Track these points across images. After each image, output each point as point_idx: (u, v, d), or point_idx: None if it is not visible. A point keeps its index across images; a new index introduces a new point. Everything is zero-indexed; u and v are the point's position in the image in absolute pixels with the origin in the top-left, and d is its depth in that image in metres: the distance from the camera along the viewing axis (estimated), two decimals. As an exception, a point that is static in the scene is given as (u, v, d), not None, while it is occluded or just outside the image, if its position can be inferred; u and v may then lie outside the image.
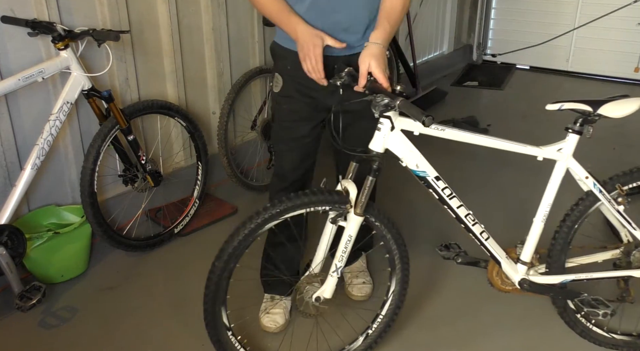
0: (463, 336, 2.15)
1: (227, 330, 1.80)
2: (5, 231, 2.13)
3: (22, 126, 2.36)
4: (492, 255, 1.92)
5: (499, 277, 2.01)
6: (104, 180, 2.65)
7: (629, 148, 3.69)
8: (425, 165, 1.75)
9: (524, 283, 1.94)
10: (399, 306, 1.99)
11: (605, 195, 1.87)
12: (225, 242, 1.70)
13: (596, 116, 1.75)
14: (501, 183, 3.30)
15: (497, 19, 5.58)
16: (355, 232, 1.74)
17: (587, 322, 2.05)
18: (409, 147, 1.72)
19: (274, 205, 1.68)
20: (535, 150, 1.80)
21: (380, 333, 2.00)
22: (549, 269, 1.97)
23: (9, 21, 2.18)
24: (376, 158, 1.68)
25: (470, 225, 1.85)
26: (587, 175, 1.85)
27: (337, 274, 1.77)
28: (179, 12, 2.85)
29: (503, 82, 5.18)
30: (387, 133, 1.66)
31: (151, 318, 2.24)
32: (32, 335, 2.14)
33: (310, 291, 1.81)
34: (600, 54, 5.14)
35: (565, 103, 1.77)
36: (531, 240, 1.92)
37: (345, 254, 1.76)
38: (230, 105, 2.99)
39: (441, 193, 1.79)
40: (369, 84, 1.64)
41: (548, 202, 1.86)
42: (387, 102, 1.59)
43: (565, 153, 1.82)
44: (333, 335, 2.05)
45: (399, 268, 1.94)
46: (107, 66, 2.46)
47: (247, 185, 3.16)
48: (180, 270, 2.56)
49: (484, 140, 1.78)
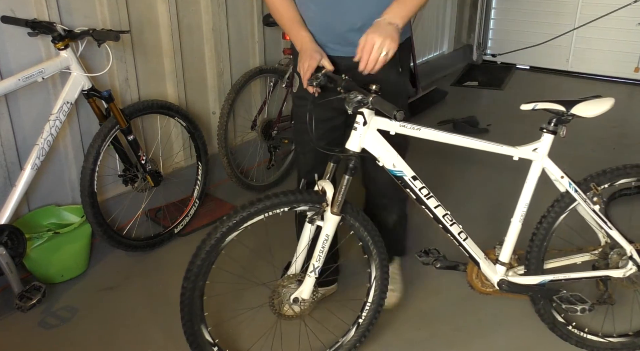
0: (461, 336, 2.15)
1: (213, 346, 1.79)
2: (5, 231, 2.13)
3: (22, 126, 2.36)
4: (471, 255, 1.92)
5: (478, 279, 2.02)
6: (104, 180, 2.65)
7: (628, 148, 3.69)
8: (401, 165, 1.76)
9: (502, 284, 1.95)
10: (384, 291, 1.98)
11: (581, 195, 1.87)
12: (190, 261, 1.70)
13: (569, 116, 1.77)
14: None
15: (497, 19, 5.58)
16: (332, 231, 1.74)
17: (580, 332, 2.05)
18: (385, 147, 1.72)
19: (232, 215, 1.66)
20: (510, 150, 1.81)
21: (371, 320, 1.99)
22: (527, 270, 1.98)
23: (9, 21, 2.18)
24: (352, 157, 1.68)
25: (448, 225, 1.86)
26: (562, 175, 1.86)
27: (314, 274, 1.77)
28: (179, 12, 2.85)
29: (503, 82, 5.18)
30: (363, 132, 1.67)
31: (151, 318, 2.24)
32: (32, 335, 2.14)
33: (287, 293, 1.80)
34: (600, 54, 5.14)
35: (539, 103, 1.79)
36: (509, 241, 1.92)
37: (322, 254, 1.75)
38: (230, 105, 2.99)
39: (418, 192, 1.79)
40: (343, 83, 1.64)
41: (525, 202, 1.87)
42: (360, 99, 1.59)
43: (541, 153, 1.83)
44: (324, 331, 2.05)
45: (375, 253, 1.92)
46: (107, 66, 2.46)
47: (247, 185, 3.16)
48: (180, 270, 2.54)
49: (460, 139, 1.78)
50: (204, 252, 1.68)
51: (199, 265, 1.68)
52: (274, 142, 3.25)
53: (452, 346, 2.11)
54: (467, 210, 2.93)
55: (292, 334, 2.03)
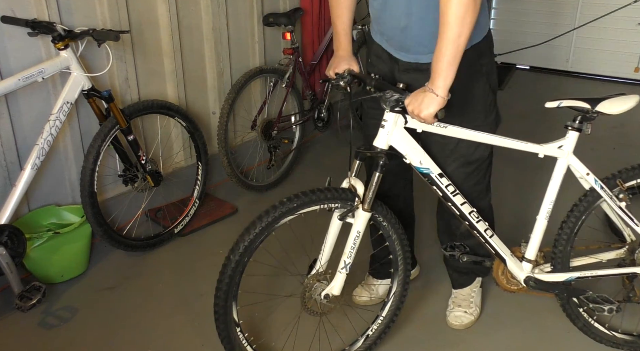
0: (462, 336, 2.15)
1: (236, 326, 1.79)
2: (5, 231, 2.13)
3: (22, 126, 2.36)
4: (497, 252, 1.92)
5: (504, 276, 2.02)
6: (104, 180, 2.65)
7: (629, 148, 3.69)
8: (428, 162, 1.77)
9: (529, 281, 1.95)
10: (399, 308, 2.00)
11: (607, 192, 1.87)
12: (241, 235, 1.69)
13: (594, 113, 1.77)
14: (504, 181, 3.29)
15: (497, 19, 5.57)
16: (363, 228, 1.75)
17: (589, 317, 2.04)
18: (412, 144, 1.74)
19: (290, 200, 1.68)
20: (536, 148, 1.82)
21: (379, 335, 2.00)
22: (553, 267, 1.97)
23: (9, 21, 2.18)
24: (381, 154, 1.69)
25: (475, 222, 1.86)
26: (588, 172, 1.86)
27: (345, 270, 1.78)
28: (179, 12, 2.85)
29: (503, 82, 5.17)
30: (391, 130, 1.68)
31: (151, 318, 2.24)
32: (32, 335, 2.14)
33: (318, 289, 1.81)
34: (600, 54, 5.13)
35: (564, 100, 1.78)
36: (535, 238, 1.92)
37: (353, 250, 1.76)
38: (230, 105, 2.99)
39: (445, 190, 1.80)
40: (373, 82, 1.68)
41: (550, 199, 1.87)
42: (397, 98, 1.63)
43: (566, 150, 1.83)
44: (335, 336, 2.05)
45: (401, 269, 1.94)
46: (107, 66, 2.45)
47: (247, 185, 3.16)
48: (180, 270, 2.56)
49: (486, 137, 1.80)
50: (258, 228, 1.67)
51: (251, 239, 1.67)
52: (274, 142, 3.25)
53: (451, 346, 2.11)
54: None
55: (306, 333, 2.04)
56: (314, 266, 1.83)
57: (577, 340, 2.10)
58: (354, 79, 1.75)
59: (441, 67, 1.57)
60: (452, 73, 1.57)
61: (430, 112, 1.58)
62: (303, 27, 3.58)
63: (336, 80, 1.78)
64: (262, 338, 2.09)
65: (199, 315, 2.26)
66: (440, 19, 1.55)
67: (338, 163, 3.61)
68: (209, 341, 2.10)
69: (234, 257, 1.68)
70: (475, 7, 1.51)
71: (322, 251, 1.81)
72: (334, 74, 1.90)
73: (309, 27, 3.58)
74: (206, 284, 2.44)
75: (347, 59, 1.94)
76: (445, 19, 1.53)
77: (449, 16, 1.51)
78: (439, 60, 1.57)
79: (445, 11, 1.52)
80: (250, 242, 1.67)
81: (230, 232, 2.83)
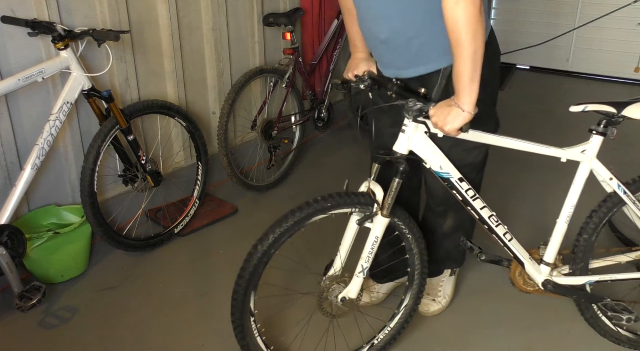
0: (462, 336, 2.15)
1: (251, 316, 1.79)
2: (5, 231, 2.13)
3: (22, 126, 2.36)
4: (516, 256, 1.92)
5: (521, 277, 2.02)
6: (104, 180, 2.65)
7: (629, 148, 3.69)
8: (448, 167, 1.76)
9: (547, 284, 1.94)
10: (408, 321, 2.00)
11: (630, 197, 1.87)
12: (271, 226, 1.69)
13: (620, 117, 1.75)
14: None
15: (497, 19, 5.57)
16: (381, 233, 1.75)
17: (597, 310, 2.04)
18: (432, 149, 1.73)
19: (324, 199, 1.68)
20: (559, 152, 1.80)
21: (384, 345, 2.00)
22: (572, 270, 1.96)
23: (9, 21, 2.18)
24: (401, 160, 1.68)
25: (494, 226, 1.86)
26: (611, 177, 1.85)
27: (363, 274, 1.78)
28: (179, 12, 2.85)
29: (503, 82, 5.18)
30: (412, 135, 1.67)
31: (151, 318, 2.24)
32: (32, 335, 2.14)
33: (336, 291, 1.81)
34: (600, 54, 5.13)
35: (589, 105, 1.76)
36: (555, 241, 1.91)
37: (371, 255, 1.76)
38: (230, 105, 2.99)
39: (465, 194, 1.80)
40: (395, 88, 1.66)
41: (572, 203, 1.86)
42: (420, 107, 1.61)
43: (589, 155, 1.82)
44: (341, 339, 2.05)
45: (416, 283, 1.94)
46: (107, 66, 2.46)
47: (247, 185, 3.15)
48: (180, 270, 2.56)
49: (506, 141, 1.78)
50: (290, 221, 1.67)
51: (280, 232, 1.67)
52: (274, 142, 3.25)
53: (451, 345, 2.11)
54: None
55: (315, 333, 2.04)
56: (330, 268, 1.83)
57: (577, 340, 2.10)
58: (375, 83, 1.74)
59: (464, 83, 1.56)
60: (475, 87, 1.57)
61: (456, 126, 1.58)
62: (303, 27, 3.58)
63: (356, 83, 1.76)
64: (272, 331, 2.10)
65: (199, 315, 2.26)
66: (451, 38, 1.54)
67: (338, 163, 3.62)
68: (209, 341, 2.11)
69: (262, 247, 1.67)
70: (482, 19, 1.51)
71: (339, 254, 1.81)
72: (354, 76, 1.89)
73: (309, 27, 3.58)
74: (206, 284, 2.45)
75: (366, 60, 1.95)
76: (457, 38, 1.52)
77: (460, 35, 1.51)
78: (460, 80, 1.57)
79: (455, 30, 1.51)
80: (280, 235, 1.67)
81: (230, 232, 2.84)
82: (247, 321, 1.77)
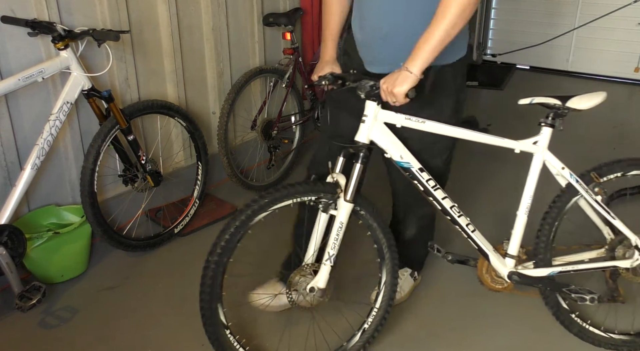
0: (462, 336, 2.15)
1: (225, 329, 1.79)
2: (5, 231, 2.13)
3: (22, 126, 2.36)
4: (480, 248, 1.96)
5: (488, 275, 2.05)
6: (104, 180, 2.65)
7: (629, 148, 3.69)
8: (408, 157, 1.81)
9: (513, 275, 1.97)
10: (392, 298, 1.99)
11: (583, 186, 1.91)
12: (217, 236, 1.71)
13: (565, 109, 1.84)
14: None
15: (497, 19, 5.57)
16: (346, 219, 1.77)
17: (582, 322, 2.06)
18: (391, 139, 1.78)
19: (263, 196, 1.71)
20: (512, 143, 1.88)
21: (376, 327, 1.99)
22: (536, 263, 2.01)
23: (9, 21, 2.18)
24: (362, 148, 1.73)
25: (456, 216, 1.90)
26: (563, 166, 1.91)
27: (330, 262, 1.79)
28: (179, 12, 2.85)
29: (503, 82, 5.18)
30: (371, 124, 1.73)
31: (151, 318, 2.24)
32: (32, 335, 2.14)
33: (304, 283, 1.82)
34: (600, 54, 5.14)
35: (536, 98, 1.88)
36: (517, 233, 1.96)
37: (337, 242, 1.78)
38: (230, 105, 2.99)
39: (425, 184, 1.84)
40: (352, 77, 1.74)
41: (529, 194, 1.92)
42: (372, 83, 1.68)
43: (541, 146, 1.89)
44: (330, 333, 2.05)
45: (388, 257, 1.95)
46: (107, 66, 2.46)
47: (247, 185, 3.16)
48: (180, 270, 2.56)
49: (464, 133, 1.83)
50: (233, 227, 1.69)
51: (227, 239, 1.69)
52: (274, 142, 3.25)
53: (451, 346, 2.11)
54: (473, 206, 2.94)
55: (300, 331, 2.04)
56: (288, 263, 1.84)
57: (575, 340, 2.10)
58: (336, 79, 1.80)
59: (425, 48, 1.62)
60: (432, 57, 1.64)
61: (404, 88, 1.62)
62: (303, 27, 3.58)
63: (318, 82, 1.82)
64: (255, 339, 2.08)
65: (199, 315, 2.25)
66: (440, 5, 1.60)
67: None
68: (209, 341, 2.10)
69: (213, 258, 1.70)
70: (475, 6, 1.59)
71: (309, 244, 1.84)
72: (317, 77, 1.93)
73: (309, 27, 3.58)
74: (206, 284, 2.44)
75: (331, 64, 2.03)
76: (447, 6, 1.58)
77: (451, 4, 1.58)
78: (425, 42, 1.62)
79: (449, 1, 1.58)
80: (227, 242, 1.69)
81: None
82: (223, 335, 1.78)
